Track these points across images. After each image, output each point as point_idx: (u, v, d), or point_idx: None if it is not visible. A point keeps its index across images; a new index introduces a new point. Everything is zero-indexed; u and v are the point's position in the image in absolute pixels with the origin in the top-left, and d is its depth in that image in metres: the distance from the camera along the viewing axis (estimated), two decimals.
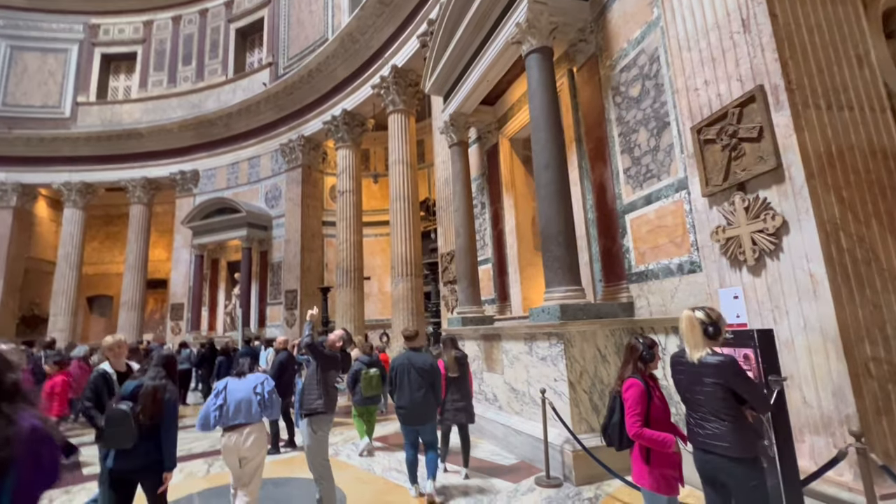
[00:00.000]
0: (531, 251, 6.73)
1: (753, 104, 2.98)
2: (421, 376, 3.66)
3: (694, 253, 3.66)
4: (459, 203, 6.69)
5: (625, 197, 4.48)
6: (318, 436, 3.02)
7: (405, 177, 10.48)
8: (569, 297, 4.18)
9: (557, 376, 4.05)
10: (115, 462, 2.47)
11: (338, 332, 3.63)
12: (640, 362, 2.28)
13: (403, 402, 3.66)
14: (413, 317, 9.66)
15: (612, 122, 4.67)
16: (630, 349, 2.33)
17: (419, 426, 3.67)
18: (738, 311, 2.92)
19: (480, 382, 5.60)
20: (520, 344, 4.69)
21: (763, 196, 2.90)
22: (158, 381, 2.59)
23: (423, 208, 14.06)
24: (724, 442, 2.00)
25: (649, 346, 2.30)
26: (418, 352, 3.84)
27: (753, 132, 2.96)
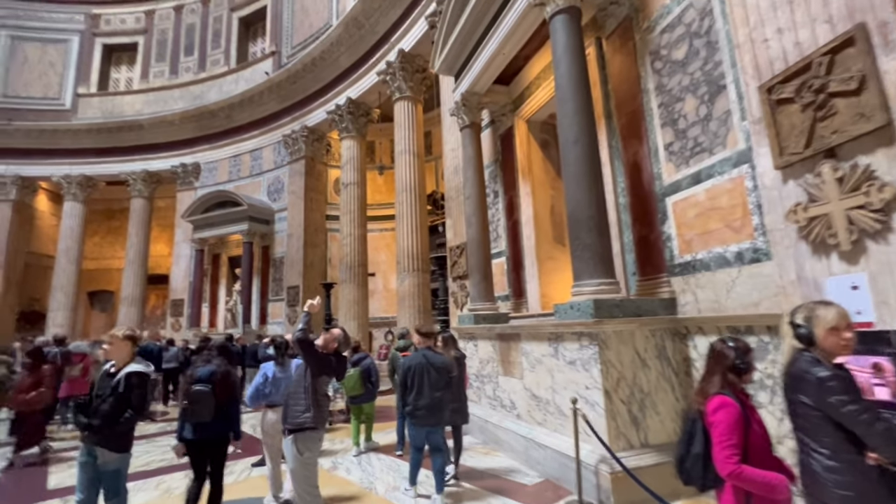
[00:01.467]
0: (550, 243, 6.15)
1: (851, 49, 2.38)
2: (440, 375, 3.59)
3: (758, 238, 3.07)
4: (471, 190, 6.12)
5: (665, 177, 3.89)
6: (305, 458, 2.47)
7: (412, 167, 9.93)
8: (602, 292, 3.60)
9: (590, 383, 3.47)
10: (193, 433, 3.00)
11: (335, 331, 3.08)
12: (732, 373, 1.70)
13: (423, 403, 3.52)
14: (420, 314, 9.11)
15: (650, 91, 4.07)
16: (716, 356, 1.75)
17: (434, 427, 3.57)
18: (859, 305, 2.31)
19: (496, 388, 5.03)
20: (543, 345, 4.11)
21: (865, 163, 2.31)
22: (228, 367, 3.27)
23: (430, 202, 13.50)
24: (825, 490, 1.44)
25: (743, 353, 1.73)
26: (434, 351, 3.72)
27: (851, 83, 2.36)
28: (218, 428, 3.09)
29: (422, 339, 3.77)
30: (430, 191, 13.39)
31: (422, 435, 3.56)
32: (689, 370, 3.62)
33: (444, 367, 3.61)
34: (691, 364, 3.59)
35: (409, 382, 3.56)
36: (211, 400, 2.99)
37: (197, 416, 2.97)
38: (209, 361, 3.25)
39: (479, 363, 5.46)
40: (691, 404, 1.78)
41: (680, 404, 3.57)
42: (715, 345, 1.79)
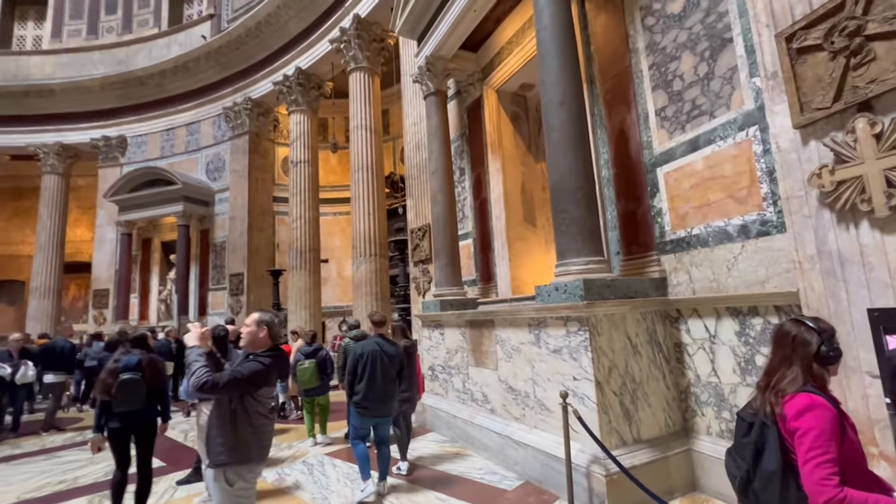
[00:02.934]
0: (520, 223, 5.74)
1: None
2: (393, 364, 3.54)
3: (767, 209, 2.76)
4: (437, 164, 5.56)
5: (657, 146, 3.53)
6: (238, 489, 1.82)
7: (368, 144, 9.19)
8: (592, 271, 3.20)
9: (578, 374, 3.07)
10: (121, 421, 3.03)
11: (249, 322, 2.15)
12: (818, 364, 1.29)
13: (373, 393, 3.43)
14: (377, 302, 8.49)
15: (640, 52, 3.68)
16: (793, 342, 1.34)
17: (382, 418, 3.50)
18: None
19: (466, 380, 4.57)
20: (521, 332, 3.68)
21: None
22: (151, 355, 3.29)
23: (388, 184, 12.81)
24: None
25: (830, 335, 1.32)
26: (387, 340, 3.65)
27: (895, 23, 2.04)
28: (147, 415, 3.15)
29: (374, 326, 3.69)
30: (387, 172, 12.67)
31: (367, 425, 3.48)
32: (680, 356, 3.32)
33: (397, 356, 3.58)
34: (683, 349, 3.29)
35: (360, 370, 3.45)
36: (142, 387, 3.04)
37: (129, 403, 2.99)
38: (128, 353, 3.20)
39: (446, 353, 4.97)
40: (756, 405, 1.37)
41: (671, 393, 3.27)
42: (787, 326, 1.37)
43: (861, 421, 2.21)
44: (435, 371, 5.21)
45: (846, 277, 2.25)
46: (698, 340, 3.18)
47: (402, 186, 12.46)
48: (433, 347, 5.25)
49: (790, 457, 1.24)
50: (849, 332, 2.25)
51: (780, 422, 1.27)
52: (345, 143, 12.97)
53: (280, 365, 2.05)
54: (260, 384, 1.94)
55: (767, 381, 1.35)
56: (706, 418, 3.12)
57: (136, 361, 3.11)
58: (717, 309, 3.03)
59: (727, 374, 2.97)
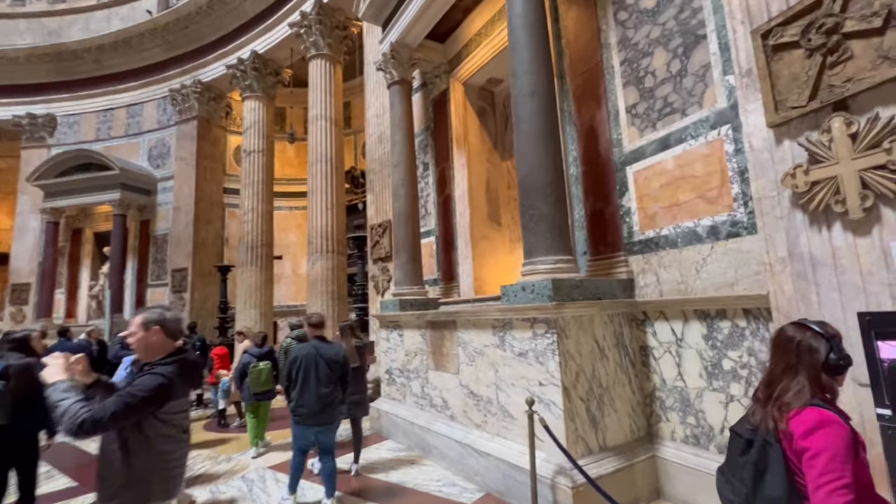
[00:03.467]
0: (485, 221, 5.57)
1: None
2: (331, 369, 3.21)
3: (738, 210, 2.70)
4: (400, 157, 5.29)
5: (627, 143, 3.44)
6: None
7: (328, 135, 8.75)
8: (561, 270, 3.04)
9: (545, 379, 2.90)
10: None
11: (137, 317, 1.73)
12: (827, 374, 1.15)
13: (307, 400, 3.12)
14: (334, 301, 8.08)
15: (612, 47, 3.59)
16: (797, 349, 1.19)
17: (322, 427, 3.17)
18: None
19: (425, 384, 4.32)
20: (485, 334, 3.47)
21: (888, 115, 1.95)
22: (27, 360, 2.83)
23: (349, 180, 12.36)
24: None
25: (839, 342, 1.18)
26: (325, 342, 3.33)
27: (874, 21, 1.99)
28: (22, 431, 2.74)
29: (311, 329, 3.37)
30: (347, 167, 12.22)
31: (308, 435, 3.18)
32: (646, 359, 3.23)
33: (336, 360, 3.25)
34: (649, 353, 3.21)
35: (295, 375, 3.17)
36: (5, 398, 2.63)
37: None
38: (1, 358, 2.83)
39: (404, 356, 4.70)
40: (755, 419, 1.21)
41: (636, 397, 3.17)
42: (790, 331, 1.23)
43: None
44: (392, 375, 4.92)
45: (817, 280, 2.21)
46: (665, 344, 3.10)
47: (363, 182, 12.06)
48: (391, 350, 4.97)
49: (796, 480, 1.09)
50: None
51: (785, 440, 1.12)
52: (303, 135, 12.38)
53: (188, 371, 1.67)
54: (162, 401, 1.55)
55: (769, 393, 1.21)
56: (671, 424, 3.05)
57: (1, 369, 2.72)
58: (684, 311, 2.96)
59: (693, 378, 2.90)
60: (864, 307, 2.05)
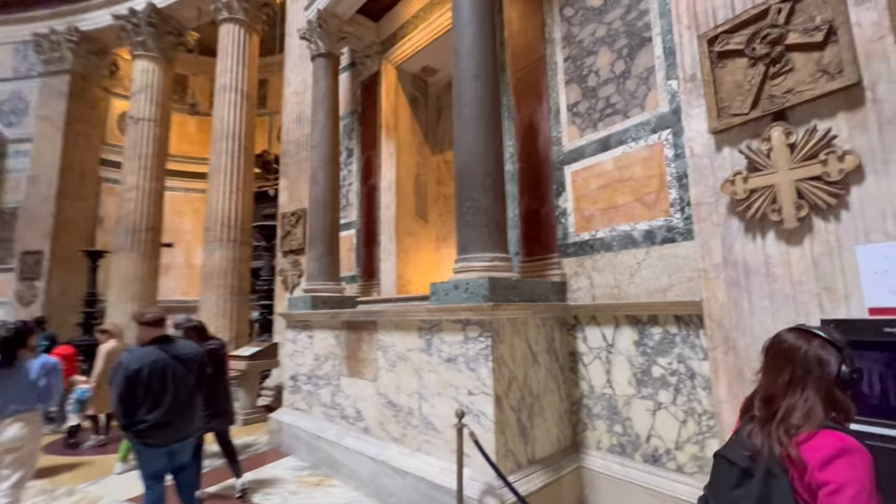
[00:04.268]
0: (412, 216, 5.23)
1: None
2: (189, 371, 2.62)
3: (675, 215, 2.68)
4: (321, 137, 4.73)
5: (566, 142, 3.34)
6: None
7: (238, 109, 7.77)
8: (497, 269, 2.81)
9: (475, 387, 2.63)
10: None
11: None
12: (840, 391, 0.99)
13: (160, 415, 2.45)
14: (233, 297, 7.13)
15: (556, 42, 3.49)
16: (804, 359, 1.02)
17: (181, 442, 2.56)
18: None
19: (336, 392, 3.82)
20: (410, 337, 3.12)
21: (824, 128, 1.99)
22: None
23: (260, 164, 11.23)
24: None
25: (851, 354, 1.02)
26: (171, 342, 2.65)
27: (815, 35, 2.03)
28: None
29: (146, 328, 2.57)
30: (260, 150, 11.10)
31: (163, 458, 2.51)
32: (574, 365, 3.12)
33: (195, 359, 2.68)
34: (578, 358, 3.10)
35: (143, 392, 2.43)
36: None
37: None
38: None
39: (314, 360, 4.15)
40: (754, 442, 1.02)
41: (564, 405, 3.04)
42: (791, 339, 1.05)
43: None
44: (298, 381, 4.34)
45: (749, 288, 2.21)
46: (595, 349, 3.01)
47: (276, 168, 11.03)
48: (298, 353, 4.38)
49: None
50: (749, 344, 2.21)
51: (795, 470, 0.94)
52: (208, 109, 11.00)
53: None
54: None
55: (770, 412, 1.03)
56: (597, 432, 2.96)
57: None
58: (616, 317, 2.89)
59: (622, 385, 2.83)
60: (794, 316, 2.08)
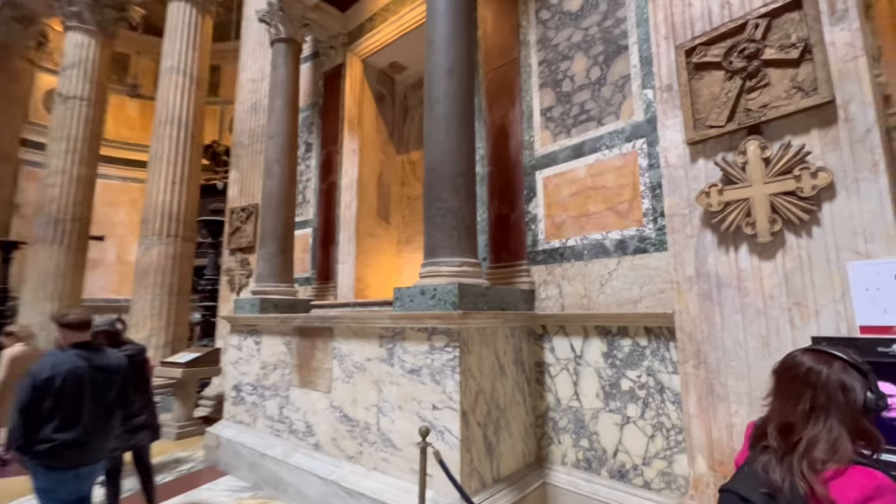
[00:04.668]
0: (373, 217, 4.99)
1: (794, 13, 2.08)
2: (112, 381, 2.27)
3: (647, 225, 2.64)
4: (278, 127, 4.40)
5: (539, 147, 3.26)
6: None
7: (185, 93, 7.19)
8: (467, 275, 2.65)
9: (440, 401, 2.44)
10: None
11: None
12: (867, 419, 0.90)
13: (73, 434, 2.09)
14: (170, 297, 6.53)
15: (531, 45, 3.41)
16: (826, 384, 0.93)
17: (90, 466, 2.18)
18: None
19: (284, 405, 3.50)
20: (371, 345, 2.89)
21: (798, 143, 2.00)
22: None
23: (209, 155, 10.52)
24: None
25: (875, 380, 0.94)
26: (97, 349, 2.30)
27: (791, 52, 2.05)
28: None
29: (68, 332, 2.22)
30: (209, 141, 10.40)
31: (70, 482, 2.12)
32: (541, 377, 3.02)
33: (119, 370, 2.32)
34: (545, 369, 3.00)
35: (53, 403, 2.06)
36: None
37: None
38: None
39: (260, 369, 3.80)
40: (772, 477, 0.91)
41: (529, 418, 2.92)
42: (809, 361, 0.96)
43: (724, 452, 2.14)
44: (242, 392, 3.96)
45: (722, 301, 2.19)
46: (562, 360, 2.92)
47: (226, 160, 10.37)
48: (243, 360, 4.01)
49: None
50: (720, 358, 2.19)
51: None
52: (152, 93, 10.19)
53: None
54: None
55: (789, 443, 0.93)
56: (562, 446, 2.86)
57: None
58: (585, 327, 2.82)
59: (590, 398, 2.75)
60: (765, 331, 2.07)
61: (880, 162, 1.81)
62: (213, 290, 6.62)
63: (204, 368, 4.97)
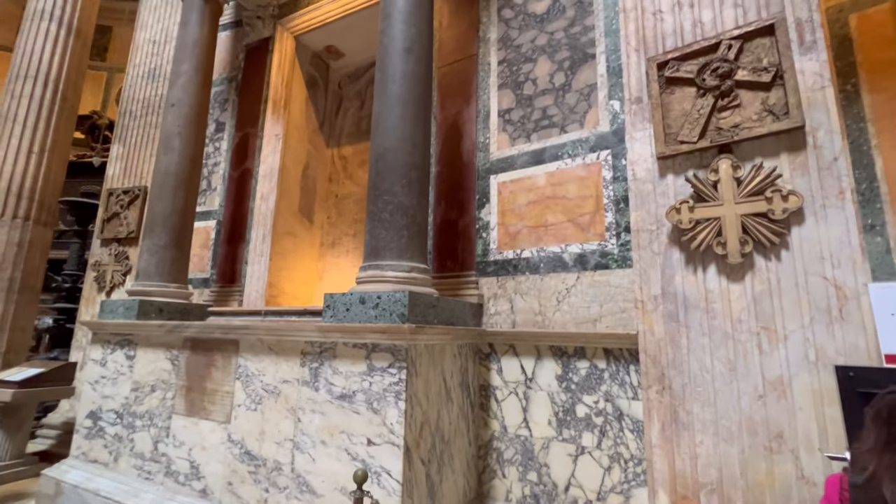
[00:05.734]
0: (294, 214, 4.37)
1: (765, 39, 2.09)
2: None
3: (610, 240, 2.50)
4: (183, 94, 3.64)
5: (495, 149, 3.03)
6: None
7: (55, 44, 5.83)
8: (416, 282, 2.27)
9: (379, 434, 1.99)
10: None
11: None
12: None
13: None
14: (10, 295, 5.10)
15: (491, 42, 3.21)
16: None
17: None
18: None
19: (160, 438, 2.73)
20: (289, 364, 2.33)
21: (770, 166, 1.98)
22: None
23: (86, 128, 8.80)
24: None
25: None
26: None
27: (763, 75, 2.05)
28: None
29: None
30: (88, 111, 8.72)
31: None
32: (485, 401, 2.70)
33: None
34: (491, 393, 2.70)
35: None
36: None
37: None
38: None
39: (132, 391, 2.97)
40: None
41: (471, 450, 2.58)
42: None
43: (688, 486, 1.99)
44: (101, 421, 3.06)
45: (688, 323, 2.09)
46: (511, 383, 2.64)
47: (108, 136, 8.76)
48: (107, 380, 3.11)
49: None
50: (685, 383, 2.07)
51: None
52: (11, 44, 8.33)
53: None
54: None
55: None
56: (507, 480, 2.56)
57: None
58: (538, 347, 2.58)
59: (541, 426, 2.50)
60: (732, 356, 1.99)
61: (847, 190, 1.84)
62: (72, 289, 5.32)
63: (47, 389, 3.84)
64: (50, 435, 4.32)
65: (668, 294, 2.15)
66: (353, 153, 4.81)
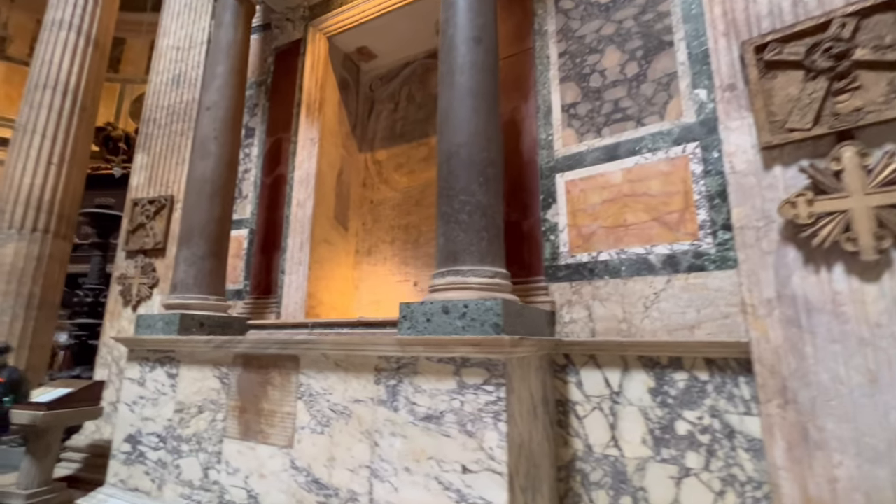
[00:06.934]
0: (329, 221, 4.17)
1: (886, 15, 1.91)
2: None
3: (705, 240, 2.30)
4: (219, 97, 3.47)
5: (560, 146, 2.84)
6: None
7: (75, 54, 5.72)
8: (500, 289, 2.06)
9: (475, 460, 1.77)
10: None
11: None
12: None
13: None
14: (29, 311, 4.92)
15: (549, 35, 3.04)
16: None
17: None
18: None
19: (211, 464, 2.50)
20: (360, 381, 2.12)
21: None
22: None
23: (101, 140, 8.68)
24: None
25: None
26: None
27: (889, 54, 1.86)
28: None
29: None
30: (103, 122, 8.59)
31: None
32: (564, 418, 2.48)
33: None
34: (570, 409, 2.47)
35: None
36: None
37: None
38: None
39: (176, 412, 2.75)
40: None
41: (552, 471, 2.35)
42: None
43: None
44: (141, 445, 2.83)
45: (813, 329, 1.87)
46: (594, 398, 2.42)
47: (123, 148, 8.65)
48: (148, 400, 2.89)
49: None
50: (814, 396, 1.85)
51: None
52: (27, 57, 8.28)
53: None
54: None
55: None
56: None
57: None
58: (625, 357, 2.36)
59: (634, 445, 2.27)
60: (872, 364, 1.77)
61: None
62: (95, 304, 5.12)
63: (77, 410, 3.62)
64: (75, 458, 4.08)
65: (785, 297, 1.94)
66: (388, 157, 4.63)
